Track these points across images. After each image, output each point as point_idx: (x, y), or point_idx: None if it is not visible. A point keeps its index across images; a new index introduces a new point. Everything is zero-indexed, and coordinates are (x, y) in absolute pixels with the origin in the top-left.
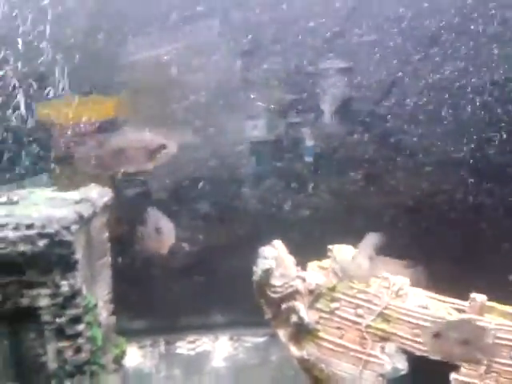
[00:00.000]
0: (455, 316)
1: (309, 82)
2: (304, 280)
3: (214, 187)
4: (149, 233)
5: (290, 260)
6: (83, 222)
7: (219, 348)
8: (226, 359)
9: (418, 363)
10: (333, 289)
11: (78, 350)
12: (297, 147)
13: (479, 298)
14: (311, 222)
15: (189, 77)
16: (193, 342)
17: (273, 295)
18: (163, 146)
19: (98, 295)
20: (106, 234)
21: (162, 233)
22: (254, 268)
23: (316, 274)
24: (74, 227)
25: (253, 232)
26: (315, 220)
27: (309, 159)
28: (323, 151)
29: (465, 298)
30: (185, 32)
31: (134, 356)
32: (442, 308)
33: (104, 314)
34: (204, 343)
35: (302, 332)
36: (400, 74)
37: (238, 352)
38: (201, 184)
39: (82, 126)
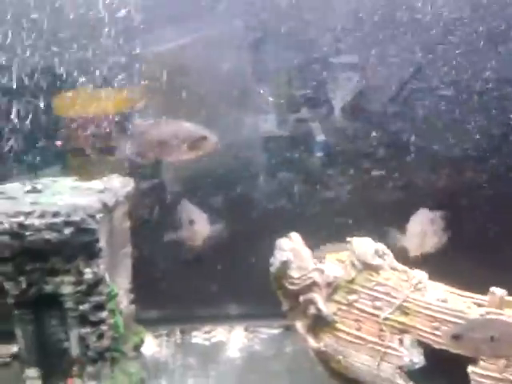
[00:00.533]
0: (474, 310)
1: (320, 77)
2: (322, 272)
3: (229, 180)
4: (182, 224)
5: (306, 252)
6: (107, 210)
7: (234, 339)
8: (241, 350)
9: (434, 355)
10: (351, 281)
11: (101, 336)
12: (307, 142)
13: (499, 292)
14: (325, 216)
15: (206, 69)
16: (208, 332)
17: (290, 287)
18: (204, 138)
19: (119, 284)
20: (128, 224)
21: (196, 224)
22: (272, 259)
23: (334, 266)
24: (98, 215)
25: (269, 224)
26: (329, 213)
27: (319, 154)
28: (334, 146)
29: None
30: (203, 24)
31: (150, 345)
32: (460, 302)
33: (124, 302)
34: (219, 333)
35: (320, 324)
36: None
37: (254, 343)
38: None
39: (104, 117)
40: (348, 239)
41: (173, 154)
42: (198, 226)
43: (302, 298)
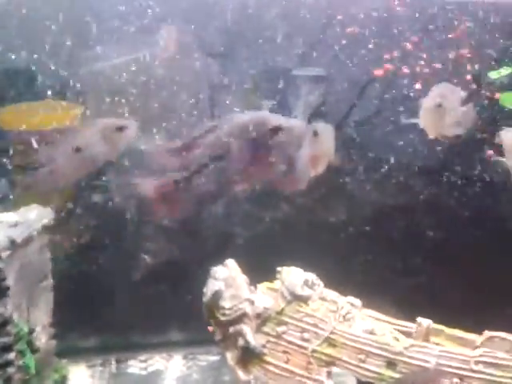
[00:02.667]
0: (399, 343)
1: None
2: (252, 303)
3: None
4: None
5: (242, 280)
6: (17, 246)
7: (172, 367)
8: (179, 379)
9: None
10: (280, 312)
11: (8, 380)
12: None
13: (425, 322)
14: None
15: (153, 84)
16: (145, 360)
17: (222, 318)
18: (121, 128)
19: (38, 319)
20: (48, 255)
21: None
22: (204, 289)
23: (264, 296)
24: (5, 254)
25: (208, 249)
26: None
27: None
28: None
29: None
30: (150, 39)
31: (82, 376)
32: (388, 332)
33: (43, 338)
34: (157, 362)
35: (249, 356)
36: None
37: (192, 371)
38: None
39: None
40: (278, 269)
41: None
42: None
43: (231, 330)
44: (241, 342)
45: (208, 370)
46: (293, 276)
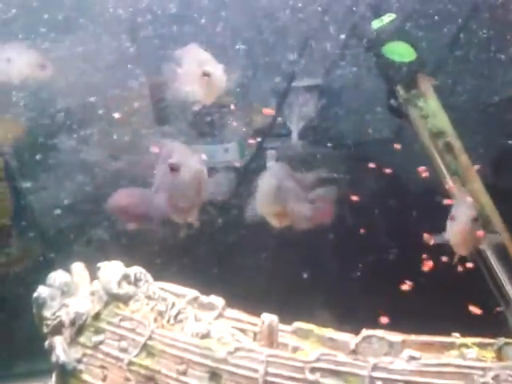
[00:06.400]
0: (226, 344)
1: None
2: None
3: None
4: None
5: (86, 287)
6: None
7: None
8: None
9: None
10: (96, 317)
11: None
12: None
13: (267, 318)
14: None
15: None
16: None
17: (44, 329)
18: None
19: None
20: None
21: None
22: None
23: (82, 299)
24: None
25: None
26: None
27: None
28: None
29: None
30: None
31: None
32: (229, 334)
33: None
34: None
35: (66, 374)
36: None
37: None
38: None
39: None
40: (98, 264)
41: None
42: None
43: (46, 344)
44: (53, 357)
45: None
46: (109, 271)
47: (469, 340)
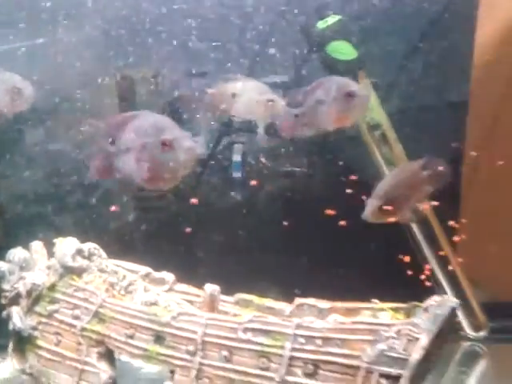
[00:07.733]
0: (171, 311)
1: None
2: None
3: None
4: None
5: (44, 263)
6: None
7: None
8: None
9: None
10: (52, 288)
11: None
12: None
13: (209, 288)
14: None
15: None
16: None
17: (3, 301)
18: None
19: None
20: None
21: None
22: None
23: (38, 272)
24: None
25: None
26: None
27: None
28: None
29: None
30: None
31: None
32: (175, 303)
33: None
34: None
35: (22, 341)
36: None
37: None
38: None
39: None
40: (54, 240)
41: None
42: None
43: (4, 314)
44: (10, 325)
45: None
46: (65, 246)
47: (386, 305)
